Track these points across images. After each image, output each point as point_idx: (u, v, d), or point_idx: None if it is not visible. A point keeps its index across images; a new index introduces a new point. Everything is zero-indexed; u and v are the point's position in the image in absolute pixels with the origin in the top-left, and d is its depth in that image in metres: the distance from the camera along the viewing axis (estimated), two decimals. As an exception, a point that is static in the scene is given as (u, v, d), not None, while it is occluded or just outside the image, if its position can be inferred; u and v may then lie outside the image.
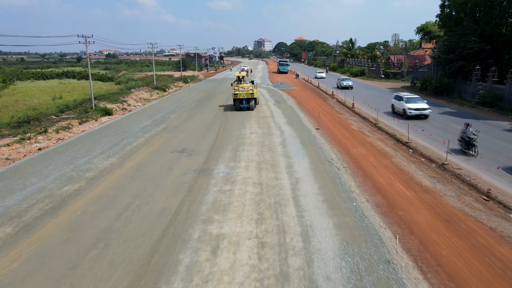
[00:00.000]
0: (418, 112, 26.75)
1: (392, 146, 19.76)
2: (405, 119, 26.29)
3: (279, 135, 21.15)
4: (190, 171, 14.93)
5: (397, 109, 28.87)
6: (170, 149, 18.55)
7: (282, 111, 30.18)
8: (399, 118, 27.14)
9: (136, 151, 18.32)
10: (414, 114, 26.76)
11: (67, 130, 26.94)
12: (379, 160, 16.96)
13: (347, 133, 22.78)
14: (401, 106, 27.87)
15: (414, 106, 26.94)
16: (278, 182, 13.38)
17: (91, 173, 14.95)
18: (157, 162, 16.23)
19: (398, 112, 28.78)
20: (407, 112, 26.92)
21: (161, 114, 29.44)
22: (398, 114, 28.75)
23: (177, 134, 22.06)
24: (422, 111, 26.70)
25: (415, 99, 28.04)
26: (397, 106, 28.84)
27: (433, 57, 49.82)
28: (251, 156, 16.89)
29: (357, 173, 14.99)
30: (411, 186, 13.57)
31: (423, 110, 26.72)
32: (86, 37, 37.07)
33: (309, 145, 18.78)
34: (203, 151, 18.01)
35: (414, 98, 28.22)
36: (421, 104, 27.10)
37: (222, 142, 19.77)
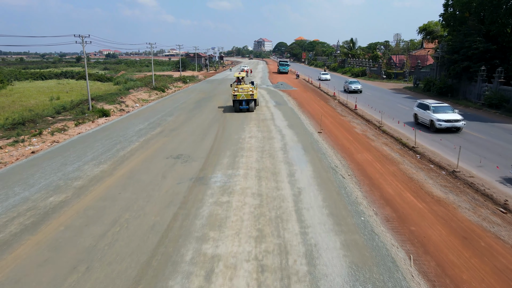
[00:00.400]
0: (449, 125, 22.07)
1: (399, 151, 18.82)
2: (433, 132, 22.35)
3: (279, 139, 20.22)
4: (185, 179, 14.00)
5: (422, 120, 24.39)
6: (165, 154, 17.62)
7: (282, 113, 29.25)
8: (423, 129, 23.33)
9: (129, 157, 17.39)
10: (445, 127, 22.12)
11: (63, 132, 26.16)
12: (385, 166, 16.02)
13: (351, 136, 21.85)
14: (428, 117, 23.28)
15: (445, 117, 22.28)
16: (279, 192, 12.45)
17: (80, 181, 14.02)
18: (150, 170, 15.30)
19: (423, 123, 24.25)
20: (436, 124, 22.29)
21: (157, 117, 28.51)
22: (423, 125, 24.23)
23: (173, 138, 21.13)
24: (454, 123, 22.05)
25: (445, 108, 23.28)
26: (421, 116, 24.33)
27: (436, 57, 48.92)
28: (250, 162, 15.96)
29: (363, 181, 14.06)
30: (422, 197, 12.63)
31: (456, 122, 22.07)
32: (83, 37, 36.34)
33: (312, 151, 17.84)
34: (199, 157, 17.08)
35: (443, 107, 23.41)
36: (452, 114, 22.46)
37: (220, 147, 18.83)
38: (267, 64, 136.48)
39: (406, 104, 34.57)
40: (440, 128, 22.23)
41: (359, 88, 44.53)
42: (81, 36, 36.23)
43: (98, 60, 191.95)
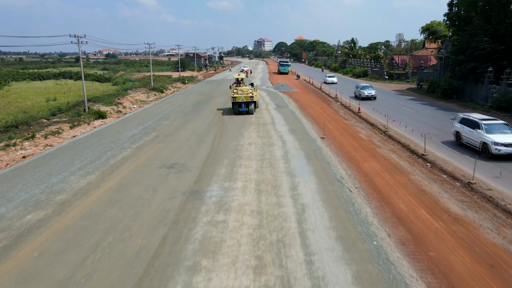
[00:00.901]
0: (510, 150, 16.61)
1: (408, 159, 17.65)
2: (488, 159, 16.87)
3: (280, 146, 19.04)
4: (178, 193, 12.82)
5: (468, 140, 18.77)
6: (158, 163, 16.44)
7: (283, 116, 28.07)
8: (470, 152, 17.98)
9: (119, 166, 16.21)
10: (505, 153, 16.58)
11: (57, 135, 25.16)
12: (395, 177, 14.85)
13: (356, 143, 20.67)
14: (478, 138, 17.80)
15: (505, 140, 16.79)
16: (280, 210, 11.27)
17: (63, 195, 12.84)
18: (141, 181, 14.12)
19: (470, 144, 18.65)
20: (492, 148, 16.71)
21: (153, 120, 27.33)
22: (468, 146, 18.87)
23: (168, 144, 19.95)
24: None
25: (500, 126, 17.88)
26: (467, 136, 18.80)
27: (440, 57, 47.78)
28: (249, 173, 14.78)
29: (372, 195, 12.89)
30: (438, 214, 11.46)
31: None
32: (78, 37, 35.27)
33: (315, 159, 16.66)
34: (195, 166, 15.90)
35: (498, 124, 18.01)
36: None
37: (217, 155, 17.66)
38: (267, 64, 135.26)
39: (411, 107, 33.40)
40: (498, 153, 16.66)
41: (373, 95, 37.98)
42: (77, 36, 35.17)
43: (97, 60, 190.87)
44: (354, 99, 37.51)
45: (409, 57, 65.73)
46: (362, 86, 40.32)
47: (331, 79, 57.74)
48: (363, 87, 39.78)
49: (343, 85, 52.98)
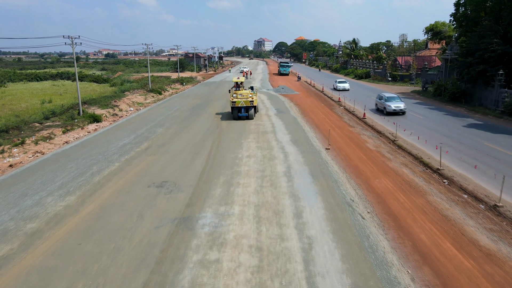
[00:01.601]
0: None
1: (422, 174, 16.04)
2: None
3: (282, 159, 17.43)
4: (166, 221, 11.22)
5: None
6: (147, 181, 14.84)
7: (284, 123, 26.46)
8: None
9: (104, 184, 14.61)
10: None
11: (48, 140, 23.86)
12: (411, 198, 13.25)
13: (363, 154, 19.07)
14: None
15: None
16: (284, 245, 9.67)
17: (35, 223, 11.25)
18: (126, 205, 12.52)
19: None
20: None
21: (146, 128, 25.72)
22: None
23: (160, 157, 18.35)
24: None
25: None
26: None
27: (445, 59, 46.23)
28: (247, 194, 13.18)
29: (387, 223, 11.29)
30: (466, 249, 9.86)
31: None
32: (72, 38, 33.95)
33: (321, 176, 15.04)
34: (187, 185, 14.30)
35: None
36: None
37: (213, 170, 16.05)
38: (267, 65, 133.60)
39: (418, 112, 31.76)
40: None
41: (402, 109, 29.99)
42: (71, 37, 33.85)
43: (96, 60, 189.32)
44: (375, 112, 31.32)
45: (412, 58, 64.07)
46: (388, 97, 31.48)
47: (342, 85, 48.81)
48: (389, 99, 31.14)
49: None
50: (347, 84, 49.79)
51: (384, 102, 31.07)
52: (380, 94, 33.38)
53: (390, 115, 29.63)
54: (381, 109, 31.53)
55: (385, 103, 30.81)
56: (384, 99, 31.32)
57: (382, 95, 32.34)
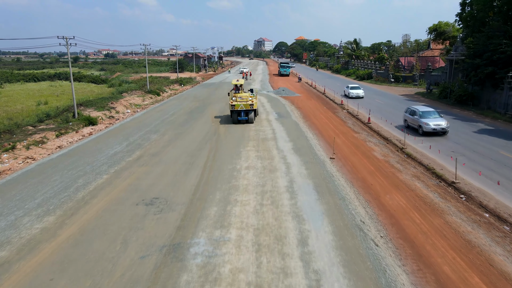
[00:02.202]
0: None
1: (436, 189, 14.72)
2: None
3: (284, 171, 16.09)
4: (153, 249, 9.90)
5: None
6: (136, 197, 13.51)
7: (286, 129, 25.12)
8: None
9: (88, 201, 13.29)
10: None
11: (40, 145, 22.77)
12: (427, 219, 11.93)
13: (371, 165, 17.74)
14: None
15: None
16: (287, 282, 8.33)
17: (5, 251, 9.92)
18: (109, 227, 11.20)
19: None
20: None
21: (140, 134, 24.39)
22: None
23: (152, 168, 17.02)
24: None
25: None
26: None
27: (449, 60, 44.96)
28: (246, 215, 11.85)
29: (404, 251, 9.97)
30: (498, 285, 8.54)
31: None
32: (67, 39, 32.88)
33: (327, 193, 13.71)
34: (180, 202, 12.97)
35: None
36: None
37: (208, 185, 14.72)
38: (267, 65, 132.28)
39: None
40: None
41: (443, 127, 23.05)
42: (65, 37, 32.79)
43: (95, 60, 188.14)
44: (405, 130, 23.48)
45: (416, 58, 62.72)
46: (423, 112, 23.94)
47: (355, 92, 41.97)
48: (424, 114, 23.75)
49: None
50: (361, 91, 42.49)
51: (418, 118, 23.82)
52: (411, 108, 25.54)
53: (428, 135, 23.06)
54: (414, 127, 24.33)
55: (420, 120, 23.55)
56: (419, 115, 23.90)
57: (415, 110, 24.60)
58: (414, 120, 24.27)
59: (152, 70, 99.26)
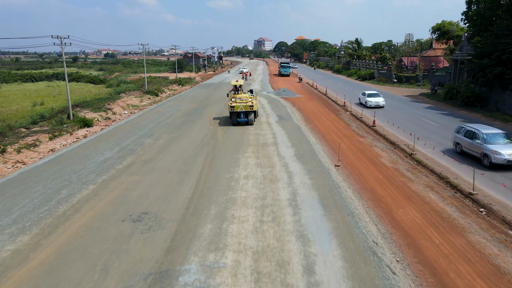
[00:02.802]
0: None
1: (453, 201, 13.43)
2: None
3: (286, 181, 14.80)
4: (137, 278, 8.61)
5: None
6: (122, 212, 12.23)
7: (287, 133, 23.83)
8: None
9: (70, 216, 12.00)
10: None
11: (32, 148, 21.83)
12: (447, 239, 10.64)
13: (380, 173, 16.45)
14: None
15: None
16: (292, 325, 7.05)
17: (-33, 281, 8.64)
18: (89, 250, 9.91)
19: None
20: None
21: (134, 138, 23.11)
22: None
23: (143, 177, 15.73)
24: None
25: None
26: None
27: (454, 59, 43.73)
28: (244, 234, 10.56)
29: (426, 280, 8.68)
30: (539, 325, 7.25)
31: None
32: (61, 38, 31.78)
33: (334, 207, 12.42)
34: (171, 218, 11.68)
35: None
36: None
37: (203, 197, 13.43)
38: (267, 65, 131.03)
39: (432, 118, 29.15)
40: None
41: None
42: (60, 37, 31.70)
43: (95, 60, 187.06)
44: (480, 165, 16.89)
45: (419, 58, 61.41)
46: (487, 135, 17.25)
47: (375, 101, 34.41)
48: (490, 138, 17.12)
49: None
50: (381, 99, 34.75)
51: (482, 144, 17.10)
52: (467, 127, 18.83)
53: (501, 167, 16.42)
54: (474, 155, 17.88)
55: (484, 147, 16.92)
56: (482, 139, 17.19)
57: (476, 131, 17.78)
58: (475, 146, 17.64)
59: (152, 70, 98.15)
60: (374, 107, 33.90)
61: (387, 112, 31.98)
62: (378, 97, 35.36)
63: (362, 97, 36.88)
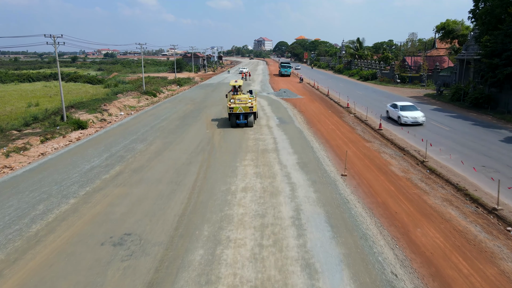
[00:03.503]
0: None
1: (476, 218, 11.95)
2: None
3: (288, 195, 13.31)
4: (110, 322, 7.12)
5: None
6: (102, 233, 10.74)
7: (289, 138, 22.35)
8: None
9: (42, 238, 10.52)
10: None
11: (22, 152, 20.75)
12: (476, 267, 9.16)
13: (391, 184, 14.96)
14: None
15: None
16: None
17: None
18: (58, 283, 8.41)
19: None
20: None
21: (125, 143, 21.63)
22: None
23: (130, 189, 14.24)
24: None
25: None
26: None
27: (459, 59, 42.30)
28: (240, 264, 9.06)
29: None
30: None
31: None
32: (54, 37, 30.51)
33: (343, 227, 10.92)
34: (157, 241, 10.19)
35: None
36: None
37: (196, 213, 11.94)
38: (267, 65, 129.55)
39: (440, 121, 27.65)
40: None
41: None
42: (53, 36, 30.44)
43: (94, 60, 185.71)
44: None
45: (423, 58, 59.90)
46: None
47: (412, 116, 25.91)
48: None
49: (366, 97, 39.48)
50: (420, 113, 26.14)
51: None
52: None
53: None
54: None
55: None
56: None
57: None
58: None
59: (151, 70, 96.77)
60: (411, 125, 25.38)
61: (393, 114, 30.44)
62: (415, 111, 26.39)
63: (392, 110, 28.18)
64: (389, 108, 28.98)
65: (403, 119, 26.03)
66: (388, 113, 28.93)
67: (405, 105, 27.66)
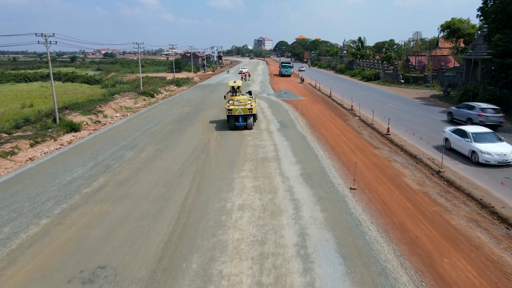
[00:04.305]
0: None
1: (510, 244, 10.26)
2: None
3: (292, 215, 11.60)
4: None
5: None
6: (72, 265, 9.04)
7: (290, 144, 20.66)
8: None
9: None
10: None
11: (9, 157, 19.68)
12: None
13: (407, 200, 13.27)
14: None
15: None
16: None
17: None
18: None
19: None
20: None
21: (113, 150, 19.95)
22: None
23: (112, 206, 12.55)
24: None
25: None
26: None
27: (466, 59, 40.64)
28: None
29: None
30: None
31: None
32: (46, 36, 29.03)
33: (357, 260, 9.21)
34: (135, 278, 8.50)
35: None
36: None
37: (184, 239, 10.24)
38: (267, 65, 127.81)
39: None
40: None
41: None
42: (44, 35, 28.97)
43: (93, 60, 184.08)
44: None
45: (427, 58, 58.20)
46: None
47: (496, 152, 16.52)
48: None
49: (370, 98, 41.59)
50: (507, 146, 17.04)
51: None
52: None
53: None
54: None
55: None
56: None
57: None
58: None
59: (150, 70, 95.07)
60: (498, 165, 16.58)
61: (400, 117, 28.77)
62: (500, 144, 17.28)
63: (456, 138, 18.68)
64: (451, 135, 19.28)
65: (484, 156, 16.68)
66: (448, 142, 19.40)
67: (480, 132, 18.04)
